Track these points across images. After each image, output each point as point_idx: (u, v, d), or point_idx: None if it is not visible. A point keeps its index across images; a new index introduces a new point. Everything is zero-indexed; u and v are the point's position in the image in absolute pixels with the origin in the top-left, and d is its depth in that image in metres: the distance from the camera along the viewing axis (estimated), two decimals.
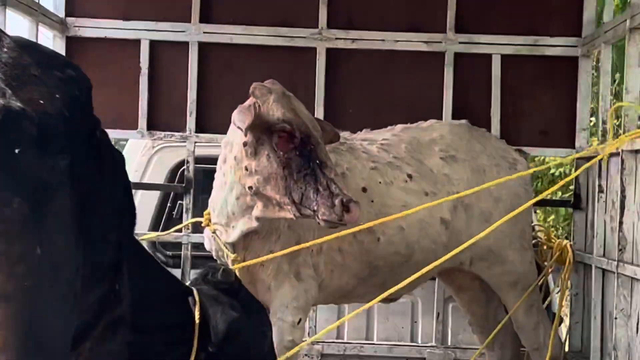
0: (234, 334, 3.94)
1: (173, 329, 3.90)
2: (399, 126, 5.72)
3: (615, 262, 5.17)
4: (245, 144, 4.81)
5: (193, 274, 4.59)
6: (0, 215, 2.72)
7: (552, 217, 13.93)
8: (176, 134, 6.28)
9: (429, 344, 6.38)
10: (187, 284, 4.16)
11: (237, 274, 5.08)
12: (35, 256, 2.78)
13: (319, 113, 6.12)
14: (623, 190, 5.14)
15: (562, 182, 5.12)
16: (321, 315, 6.40)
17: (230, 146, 4.99)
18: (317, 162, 4.68)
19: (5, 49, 2.84)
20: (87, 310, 3.27)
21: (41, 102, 2.82)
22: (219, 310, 3.97)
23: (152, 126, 6.28)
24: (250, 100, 4.85)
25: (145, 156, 6.83)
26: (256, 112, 4.75)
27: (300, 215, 4.68)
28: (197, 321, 3.89)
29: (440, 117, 6.08)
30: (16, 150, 2.74)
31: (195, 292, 4.02)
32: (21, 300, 2.77)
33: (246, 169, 4.83)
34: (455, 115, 6.14)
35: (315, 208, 4.60)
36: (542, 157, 12.54)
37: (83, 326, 3.32)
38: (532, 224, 6.02)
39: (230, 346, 4.01)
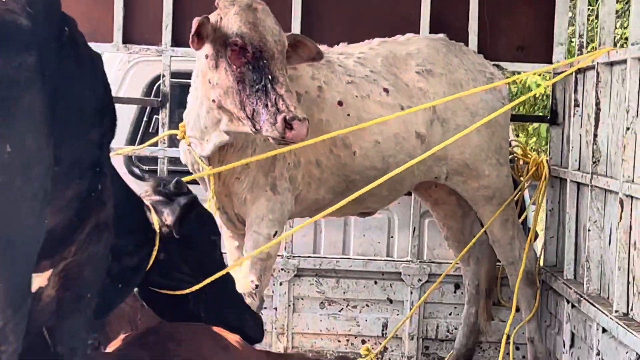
0: (190, 212, 4.06)
1: (138, 232, 3.99)
2: (376, 40, 5.70)
3: (590, 175, 5.19)
4: (206, 57, 4.81)
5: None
6: None
7: (534, 139, 13.92)
8: (152, 47, 6.22)
9: (405, 259, 6.42)
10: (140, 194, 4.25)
11: (213, 186, 5.11)
12: (4, 154, 2.79)
13: (296, 26, 6.07)
14: (598, 103, 5.14)
15: (532, 92, 5.12)
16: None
17: (200, 59, 4.98)
18: (270, 77, 4.66)
19: None
20: (66, 207, 3.28)
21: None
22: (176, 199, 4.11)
23: (127, 40, 6.21)
24: (215, 12, 4.83)
25: (121, 70, 6.78)
26: (210, 24, 4.74)
27: (255, 130, 4.68)
28: (156, 225, 3.98)
29: (417, 32, 6.03)
30: None
31: (146, 200, 4.12)
32: None
33: (209, 82, 4.84)
34: (432, 30, 6.10)
35: (262, 124, 4.60)
36: (524, 80, 12.54)
37: (66, 226, 3.34)
38: (509, 140, 6.03)
39: (185, 249, 4.11)
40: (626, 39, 11.71)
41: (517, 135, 12.83)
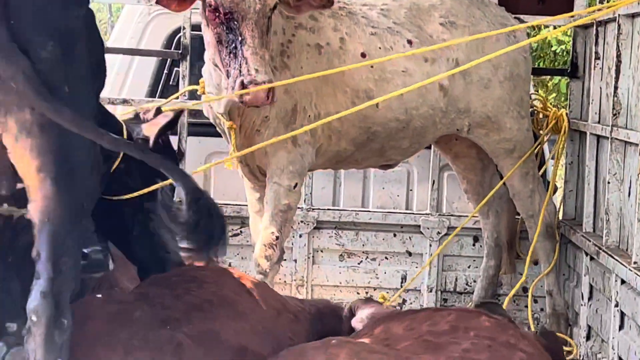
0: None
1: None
2: None
3: (610, 127, 5.19)
4: (200, 15, 4.84)
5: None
6: (36, 56, 3.18)
7: (553, 95, 13.84)
8: None
9: (424, 212, 6.44)
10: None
11: (235, 140, 5.12)
12: (64, 93, 3.24)
13: None
14: (619, 55, 5.13)
15: (544, 35, 5.08)
16: (317, 182, 6.46)
17: None
18: (240, 39, 4.68)
19: None
20: None
21: None
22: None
23: None
24: None
25: (141, 23, 6.79)
26: None
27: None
28: (125, 135, 4.14)
29: None
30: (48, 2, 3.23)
31: (120, 119, 4.33)
32: (54, 131, 3.24)
33: (205, 40, 4.87)
34: None
35: (227, 86, 4.66)
36: (545, 38, 12.47)
37: None
38: (530, 93, 6.03)
39: (145, 165, 4.22)
40: None
41: (537, 91, 12.77)
